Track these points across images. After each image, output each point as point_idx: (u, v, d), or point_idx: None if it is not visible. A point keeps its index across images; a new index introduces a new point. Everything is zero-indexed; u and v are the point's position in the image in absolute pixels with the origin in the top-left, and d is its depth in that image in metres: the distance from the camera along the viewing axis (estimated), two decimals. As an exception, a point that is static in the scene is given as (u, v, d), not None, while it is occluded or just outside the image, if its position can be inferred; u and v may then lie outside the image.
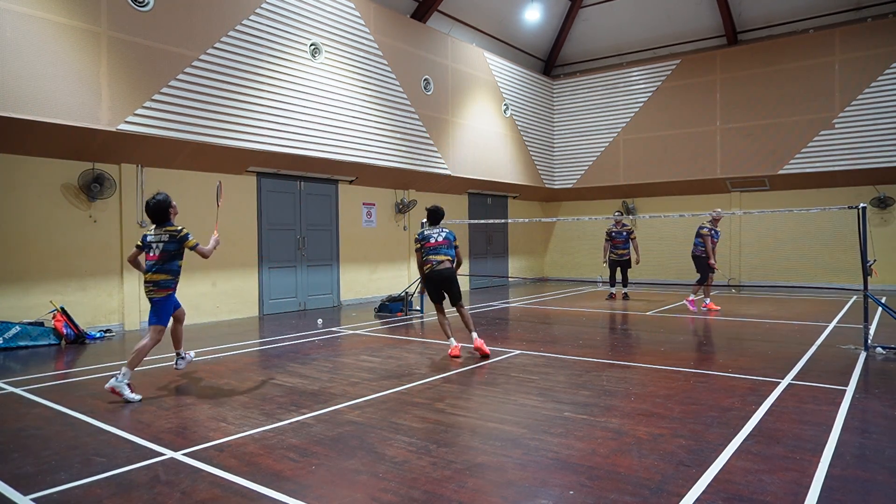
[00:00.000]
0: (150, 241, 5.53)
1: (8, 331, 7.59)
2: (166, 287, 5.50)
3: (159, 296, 5.48)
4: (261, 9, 10.07)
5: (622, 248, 12.66)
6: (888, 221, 14.18)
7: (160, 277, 5.47)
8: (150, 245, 5.53)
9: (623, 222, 12.94)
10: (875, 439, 3.93)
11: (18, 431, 4.29)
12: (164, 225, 5.56)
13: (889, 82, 13.60)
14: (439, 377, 5.82)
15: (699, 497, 3.06)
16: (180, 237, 5.53)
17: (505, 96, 16.31)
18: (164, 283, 5.49)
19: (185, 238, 5.54)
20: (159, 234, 5.52)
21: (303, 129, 10.78)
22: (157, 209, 5.53)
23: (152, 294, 5.48)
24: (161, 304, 5.50)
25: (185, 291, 9.84)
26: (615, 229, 12.77)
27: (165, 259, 5.48)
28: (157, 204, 5.52)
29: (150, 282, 5.47)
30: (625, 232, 12.69)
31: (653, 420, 4.34)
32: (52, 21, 7.62)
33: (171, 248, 5.50)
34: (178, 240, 5.52)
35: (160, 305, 5.50)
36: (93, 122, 7.99)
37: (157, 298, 5.48)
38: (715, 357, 6.62)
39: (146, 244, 5.55)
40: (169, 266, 5.52)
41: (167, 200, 5.55)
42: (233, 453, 3.78)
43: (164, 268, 5.49)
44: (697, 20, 16.16)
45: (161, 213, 5.54)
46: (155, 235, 5.54)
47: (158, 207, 5.53)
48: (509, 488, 3.23)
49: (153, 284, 5.47)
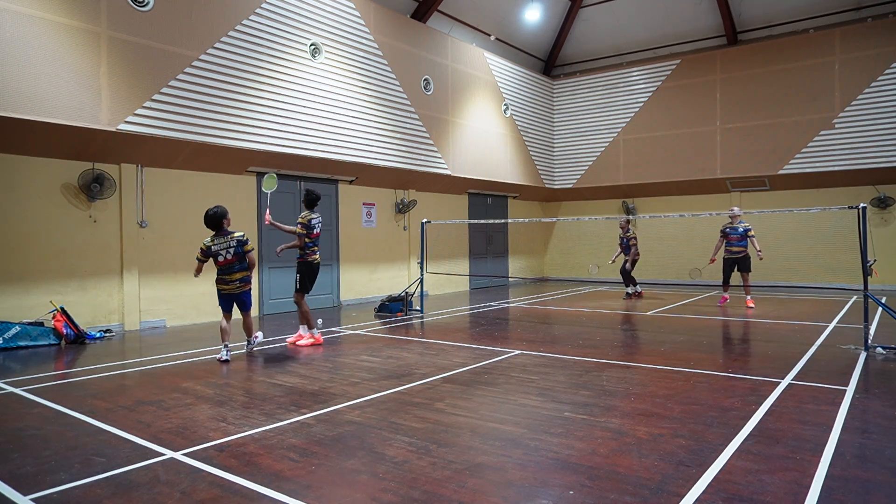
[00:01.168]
0: (217, 250, 6.71)
1: (8, 331, 7.59)
2: (249, 281, 7.00)
3: (247, 289, 6.98)
4: (261, 9, 10.06)
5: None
6: (888, 221, 14.18)
7: (244, 275, 6.90)
8: (218, 252, 6.71)
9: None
10: (875, 439, 3.93)
11: (18, 431, 4.28)
12: (225, 233, 6.77)
13: (889, 82, 13.60)
14: (439, 377, 5.82)
15: (699, 497, 3.06)
16: (245, 240, 6.87)
17: (505, 96, 16.31)
18: (247, 279, 6.97)
19: (247, 242, 6.89)
20: (227, 241, 6.74)
21: (303, 129, 10.78)
22: (214, 219, 6.73)
23: (240, 289, 6.91)
24: (249, 294, 7.06)
25: (185, 291, 9.87)
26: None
27: (240, 259, 6.79)
28: (214, 215, 6.73)
29: (238, 280, 6.85)
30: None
31: (653, 420, 4.34)
32: (52, 21, 7.62)
33: (241, 251, 6.77)
34: (244, 242, 6.84)
35: (249, 296, 7.08)
36: (93, 122, 7.99)
37: (246, 291, 6.98)
38: (715, 357, 6.62)
39: (213, 253, 6.70)
40: (243, 265, 6.86)
41: (224, 212, 6.80)
42: (233, 453, 3.78)
43: (243, 266, 6.85)
44: (697, 20, 16.16)
45: (218, 222, 6.74)
46: (220, 244, 6.73)
47: (216, 217, 6.74)
48: (509, 488, 3.23)
49: (240, 282, 6.88)
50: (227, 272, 6.78)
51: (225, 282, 6.82)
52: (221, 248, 6.71)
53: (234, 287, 6.83)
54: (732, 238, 11.32)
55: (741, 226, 11.31)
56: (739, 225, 11.32)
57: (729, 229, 11.48)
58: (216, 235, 6.76)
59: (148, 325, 9.41)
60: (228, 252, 6.70)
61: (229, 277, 6.80)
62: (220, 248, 6.71)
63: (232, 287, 6.83)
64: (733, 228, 11.38)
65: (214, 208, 6.75)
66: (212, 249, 6.71)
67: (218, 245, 6.71)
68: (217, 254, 6.69)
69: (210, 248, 6.71)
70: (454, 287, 15.49)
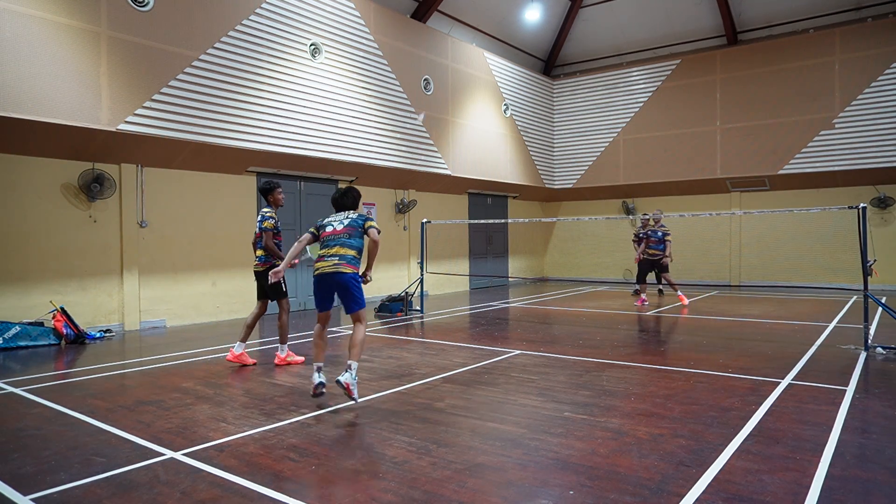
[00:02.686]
0: (328, 222, 5.13)
1: (8, 331, 7.59)
2: (355, 264, 4.99)
3: (346, 271, 4.90)
4: (261, 9, 10.06)
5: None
6: (888, 221, 14.18)
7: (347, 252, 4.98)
8: (329, 223, 5.10)
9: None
10: (875, 439, 3.92)
11: (18, 431, 4.28)
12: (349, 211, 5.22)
13: (889, 82, 13.60)
14: (439, 377, 5.82)
15: (699, 497, 3.06)
16: (367, 217, 5.20)
17: (505, 96, 16.30)
18: (350, 259, 4.96)
19: (370, 219, 5.18)
20: (344, 214, 5.18)
21: (303, 129, 10.78)
22: (346, 196, 5.26)
23: (338, 269, 4.90)
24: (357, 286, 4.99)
25: (185, 291, 9.87)
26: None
27: (351, 234, 5.04)
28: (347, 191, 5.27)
29: (336, 255, 4.94)
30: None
31: (653, 420, 4.34)
32: (52, 21, 7.62)
33: (358, 224, 5.07)
34: (366, 219, 5.15)
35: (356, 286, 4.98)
36: (93, 122, 7.99)
37: (348, 275, 4.92)
38: (715, 357, 6.62)
39: (321, 225, 5.13)
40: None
41: (359, 194, 5.35)
42: (233, 453, 3.78)
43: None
44: (697, 20, 16.16)
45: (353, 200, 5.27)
46: (336, 216, 5.18)
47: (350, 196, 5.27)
48: (509, 488, 3.23)
49: (339, 258, 4.95)
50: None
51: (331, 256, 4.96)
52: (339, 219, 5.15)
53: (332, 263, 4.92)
54: (652, 241, 11.98)
55: (661, 230, 11.97)
56: (659, 229, 11.97)
57: (650, 232, 12.17)
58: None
59: (148, 325, 9.41)
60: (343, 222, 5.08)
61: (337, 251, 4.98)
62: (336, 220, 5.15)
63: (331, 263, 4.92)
64: (653, 231, 11.99)
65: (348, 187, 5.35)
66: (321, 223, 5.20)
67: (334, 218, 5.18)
68: (330, 225, 5.13)
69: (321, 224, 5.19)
70: (454, 287, 15.49)
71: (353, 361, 4.70)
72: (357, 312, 4.87)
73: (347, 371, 4.65)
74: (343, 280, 4.84)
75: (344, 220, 5.06)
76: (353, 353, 4.73)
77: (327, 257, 4.90)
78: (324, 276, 4.89)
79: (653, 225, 12.28)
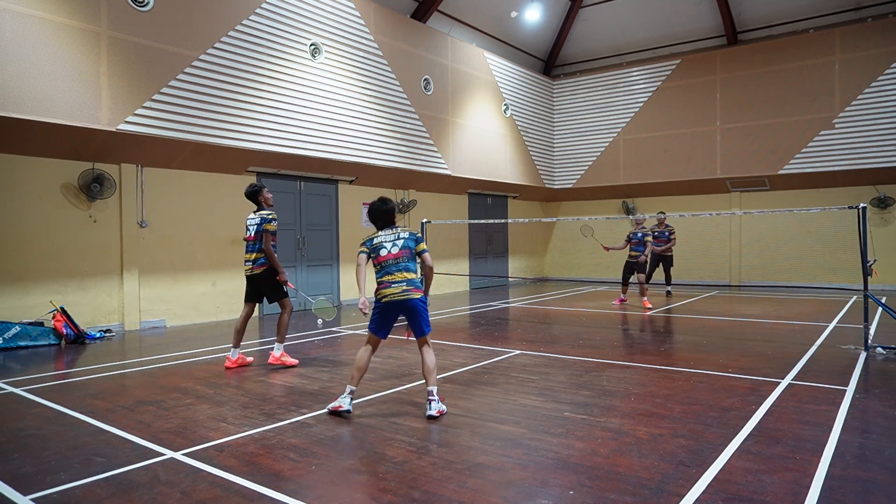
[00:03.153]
0: (379, 242, 4.92)
1: (8, 331, 7.59)
2: (421, 287, 4.91)
3: (417, 296, 4.81)
4: (261, 9, 10.06)
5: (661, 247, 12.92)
6: (888, 221, 14.18)
7: (412, 276, 4.87)
8: (381, 245, 4.91)
9: (666, 222, 13.18)
10: (875, 439, 3.92)
11: (18, 431, 4.28)
12: (394, 227, 5.03)
13: (889, 82, 13.60)
14: (439, 377, 5.81)
15: (699, 497, 3.06)
16: (418, 237, 5.04)
17: (505, 96, 16.31)
18: (417, 283, 4.88)
19: (421, 240, 5.03)
20: (394, 233, 4.96)
21: (303, 129, 10.78)
22: (385, 214, 5.05)
23: (409, 296, 4.78)
24: (426, 309, 4.89)
25: (185, 291, 9.87)
26: (657, 229, 12.97)
27: (409, 257, 4.90)
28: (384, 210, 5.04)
29: (403, 281, 4.79)
30: (667, 232, 12.93)
31: (653, 420, 4.34)
32: (52, 21, 7.62)
33: (412, 246, 4.93)
34: (417, 239, 5.00)
35: (425, 309, 4.88)
36: (93, 122, 7.99)
37: (418, 300, 4.82)
38: (715, 357, 6.62)
39: (374, 246, 4.92)
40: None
41: (393, 206, 5.09)
42: (233, 453, 3.78)
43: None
44: (697, 20, 16.16)
45: (389, 216, 5.06)
46: (387, 236, 4.97)
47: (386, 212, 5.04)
48: (509, 488, 3.23)
49: (407, 283, 4.80)
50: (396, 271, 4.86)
51: (396, 282, 4.82)
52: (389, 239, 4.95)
53: (400, 290, 4.79)
54: (633, 242, 11.96)
55: (640, 231, 11.98)
56: (640, 231, 11.99)
57: (657, 233, 12.43)
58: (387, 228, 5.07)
59: (148, 325, 9.41)
60: (396, 244, 4.90)
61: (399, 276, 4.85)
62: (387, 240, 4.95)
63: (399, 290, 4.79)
64: (634, 234, 12.02)
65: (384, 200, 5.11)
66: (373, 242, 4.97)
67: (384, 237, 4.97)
68: (382, 247, 4.90)
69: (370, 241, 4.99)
70: (454, 287, 15.49)
71: (433, 387, 4.63)
72: (426, 336, 4.84)
73: (433, 400, 4.57)
74: (414, 305, 4.79)
75: (396, 240, 4.90)
76: (431, 380, 4.68)
77: (393, 283, 4.78)
78: (393, 303, 4.79)
79: (652, 226, 12.58)
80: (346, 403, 4.62)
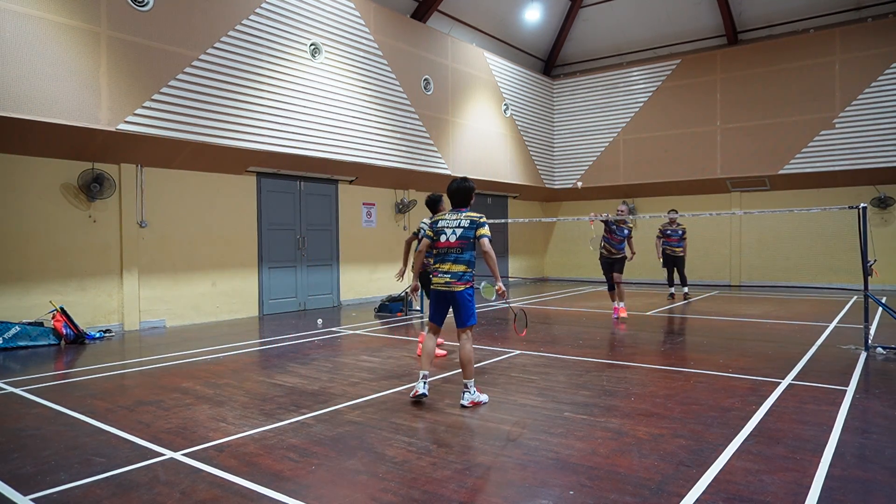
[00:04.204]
0: (442, 226, 4.90)
1: (8, 331, 7.59)
2: (468, 280, 4.87)
3: (459, 289, 4.80)
4: (261, 9, 10.06)
5: (677, 246, 11.98)
6: (888, 221, 14.18)
7: (459, 269, 4.83)
8: (442, 230, 4.87)
9: (677, 220, 12.15)
10: (875, 439, 3.92)
11: (18, 431, 4.28)
12: (463, 211, 4.94)
13: (889, 82, 13.59)
14: (439, 377, 5.81)
15: (699, 497, 3.05)
16: (479, 223, 4.86)
17: (505, 96, 16.30)
18: (463, 276, 4.85)
19: (482, 225, 4.86)
20: (457, 219, 4.89)
21: (303, 129, 10.77)
22: (459, 192, 4.95)
23: (451, 288, 4.82)
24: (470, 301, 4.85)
25: (184, 291, 9.87)
26: (670, 227, 12.19)
27: (464, 248, 4.85)
28: (458, 187, 4.95)
29: (448, 272, 4.84)
30: (680, 230, 12.10)
31: (653, 420, 4.34)
32: (52, 21, 7.62)
33: (470, 235, 4.84)
34: (478, 225, 4.86)
35: (469, 302, 4.83)
36: (92, 122, 7.99)
37: (460, 292, 4.81)
38: (715, 357, 6.62)
39: (437, 229, 4.89)
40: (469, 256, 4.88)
41: (472, 186, 5.00)
42: (233, 453, 3.78)
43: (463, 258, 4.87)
44: (697, 20, 16.16)
45: (465, 195, 4.96)
46: (450, 220, 4.91)
47: (463, 190, 4.94)
48: (509, 488, 3.23)
49: (451, 276, 4.83)
50: (442, 261, 4.94)
51: (439, 272, 4.91)
52: (450, 225, 4.92)
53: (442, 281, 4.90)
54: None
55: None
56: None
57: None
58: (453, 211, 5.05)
59: (148, 325, 9.41)
60: (455, 232, 4.88)
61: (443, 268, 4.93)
62: (448, 226, 4.92)
63: (440, 281, 4.91)
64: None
65: (463, 180, 5.04)
66: (437, 225, 4.98)
67: (446, 221, 4.96)
68: (442, 231, 4.91)
69: (435, 224, 5.00)
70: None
71: (469, 380, 4.75)
72: (467, 328, 4.88)
73: (466, 392, 4.73)
74: (456, 297, 4.86)
75: (457, 228, 4.86)
76: (467, 372, 4.75)
77: (441, 273, 4.89)
78: (439, 291, 4.94)
79: (663, 225, 12.20)
80: (421, 388, 4.85)
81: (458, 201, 5.00)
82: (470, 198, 5.00)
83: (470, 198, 5.00)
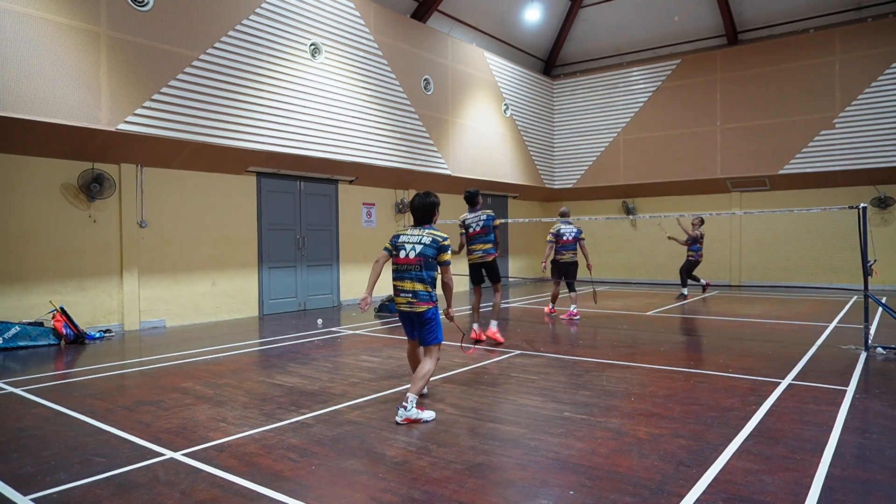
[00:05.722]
0: (402, 241, 4.71)
1: (8, 331, 7.58)
2: (429, 300, 4.65)
3: (420, 309, 4.62)
4: (261, 9, 10.06)
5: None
6: (888, 221, 14.18)
7: (420, 287, 4.63)
8: (402, 246, 4.70)
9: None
10: (875, 439, 3.92)
11: (18, 431, 4.28)
12: (426, 227, 4.77)
13: (889, 82, 13.59)
14: (439, 377, 5.82)
15: (699, 497, 3.05)
16: (442, 245, 4.67)
17: (505, 96, 16.30)
18: (423, 295, 4.63)
19: (445, 249, 4.67)
20: (419, 235, 4.70)
21: (303, 129, 10.77)
22: (421, 208, 4.77)
23: (413, 308, 4.64)
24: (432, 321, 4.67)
25: (184, 291, 9.87)
26: (698, 232, 12.75)
27: (423, 265, 4.64)
28: (421, 203, 4.77)
29: (409, 291, 4.64)
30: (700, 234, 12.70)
31: (653, 420, 4.34)
32: (52, 21, 7.62)
33: (430, 254, 4.64)
34: (440, 248, 4.66)
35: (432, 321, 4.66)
36: (92, 122, 7.99)
37: (422, 312, 4.62)
38: (715, 357, 6.62)
39: (397, 244, 4.73)
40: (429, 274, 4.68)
41: (436, 201, 4.82)
42: (233, 453, 3.78)
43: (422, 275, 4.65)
44: (697, 20, 16.15)
45: (427, 212, 4.78)
46: (411, 236, 4.72)
47: (425, 206, 4.76)
48: (509, 488, 3.23)
49: (412, 295, 4.63)
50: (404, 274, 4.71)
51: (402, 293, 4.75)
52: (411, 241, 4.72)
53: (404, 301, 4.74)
54: (563, 241, 10.22)
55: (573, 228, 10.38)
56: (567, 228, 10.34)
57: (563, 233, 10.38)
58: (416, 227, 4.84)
59: (148, 325, 9.41)
60: (415, 249, 4.66)
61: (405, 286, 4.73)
62: (408, 242, 4.72)
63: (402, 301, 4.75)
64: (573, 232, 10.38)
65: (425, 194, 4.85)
66: (398, 240, 4.77)
67: (407, 237, 4.74)
68: (402, 247, 4.72)
69: (396, 238, 4.79)
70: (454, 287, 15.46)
71: (411, 395, 4.41)
72: (430, 346, 4.66)
73: (402, 407, 4.36)
74: (421, 317, 4.66)
75: (417, 244, 4.64)
76: (415, 386, 4.47)
77: (402, 292, 4.68)
78: (402, 312, 4.77)
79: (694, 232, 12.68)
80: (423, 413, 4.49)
81: (419, 217, 4.79)
82: (433, 214, 4.79)
83: (433, 214, 4.79)
